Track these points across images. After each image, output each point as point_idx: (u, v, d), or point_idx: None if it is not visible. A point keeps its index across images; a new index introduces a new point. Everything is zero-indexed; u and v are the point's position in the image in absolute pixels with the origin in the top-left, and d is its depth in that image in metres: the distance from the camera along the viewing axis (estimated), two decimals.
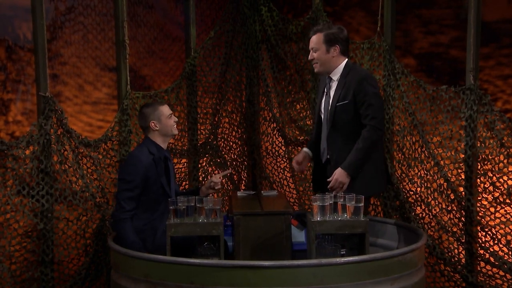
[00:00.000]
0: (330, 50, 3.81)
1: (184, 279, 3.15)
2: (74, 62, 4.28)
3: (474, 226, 3.98)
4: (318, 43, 3.83)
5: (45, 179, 3.89)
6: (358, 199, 3.33)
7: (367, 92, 3.71)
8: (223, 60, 4.87)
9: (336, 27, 3.89)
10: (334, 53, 3.82)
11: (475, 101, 3.91)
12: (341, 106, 3.77)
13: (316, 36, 3.84)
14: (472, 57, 3.94)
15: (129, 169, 3.72)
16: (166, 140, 3.91)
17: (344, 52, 3.85)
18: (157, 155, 3.79)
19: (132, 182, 3.67)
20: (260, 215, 3.58)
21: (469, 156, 3.95)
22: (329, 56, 3.83)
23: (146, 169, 3.71)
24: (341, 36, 3.83)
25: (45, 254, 3.91)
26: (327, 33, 3.82)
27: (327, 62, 3.84)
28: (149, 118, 3.83)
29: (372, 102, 3.70)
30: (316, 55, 3.84)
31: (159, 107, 3.86)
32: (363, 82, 3.73)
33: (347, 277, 3.14)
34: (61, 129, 3.96)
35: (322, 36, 3.82)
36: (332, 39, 3.81)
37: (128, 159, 3.82)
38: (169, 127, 3.86)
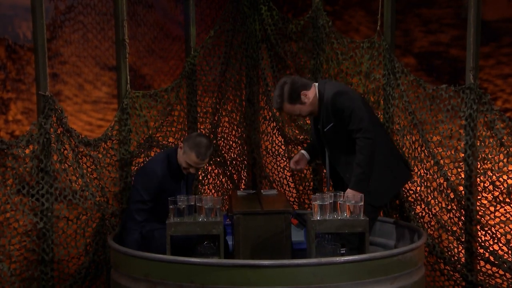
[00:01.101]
0: (303, 100, 3.83)
1: (184, 278, 3.16)
2: (74, 61, 4.27)
3: (474, 225, 3.98)
4: (292, 108, 3.85)
5: (45, 178, 3.88)
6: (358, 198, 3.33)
7: (343, 108, 3.74)
8: (223, 59, 4.86)
9: (280, 84, 3.87)
10: (308, 96, 3.84)
11: (475, 100, 3.91)
12: (328, 130, 3.83)
13: (285, 107, 3.86)
14: (472, 56, 3.93)
15: (144, 183, 3.78)
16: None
17: (308, 86, 3.85)
18: (175, 171, 3.85)
19: (146, 196, 3.75)
20: (260, 214, 3.59)
21: (468, 155, 3.95)
22: (308, 102, 3.84)
23: (161, 183, 3.78)
24: (294, 86, 3.83)
25: (45, 253, 3.91)
26: (287, 96, 3.82)
27: (312, 106, 3.86)
28: (186, 143, 3.83)
29: (350, 115, 3.72)
30: (303, 114, 3.89)
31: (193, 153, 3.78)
32: (336, 100, 3.76)
33: (347, 276, 3.14)
34: (61, 128, 3.96)
35: (287, 103, 3.84)
36: (296, 93, 3.82)
37: (146, 169, 3.87)
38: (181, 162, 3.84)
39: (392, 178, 3.91)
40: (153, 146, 4.42)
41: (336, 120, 3.78)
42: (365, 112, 3.77)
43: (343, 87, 3.90)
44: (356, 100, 3.79)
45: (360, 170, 3.66)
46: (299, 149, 4.88)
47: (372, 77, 4.42)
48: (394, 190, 4.08)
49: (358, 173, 3.66)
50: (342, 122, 3.75)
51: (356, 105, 3.75)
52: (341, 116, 3.75)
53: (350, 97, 3.78)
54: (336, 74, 4.60)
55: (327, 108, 3.79)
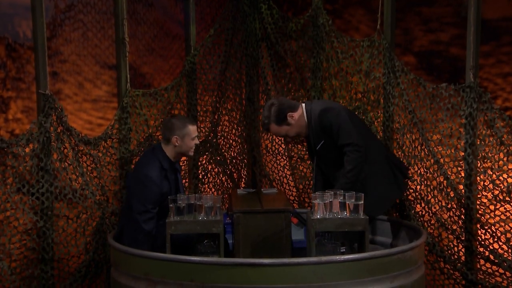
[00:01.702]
0: (290, 122, 3.92)
1: (184, 276, 3.16)
2: (74, 60, 4.27)
3: (474, 224, 3.98)
4: (279, 129, 3.95)
5: (45, 177, 3.88)
6: (358, 197, 3.33)
7: (330, 125, 3.82)
8: (223, 58, 4.86)
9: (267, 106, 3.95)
10: (294, 117, 3.92)
11: (475, 99, 3.91)
12: (320, 148, 3.91)
13: (272, 128, 3.96)
14: (472, 55, 3.93)
15: (145, 194, 3.72)
16: (178, 158, 3.95)
17: (295, 107, 3.93)
18: (169, 170, 3.85)
19: (150, 205, 3.71)
20: (260, 213, 3.59)
21: (468, 154, 3.95)
22: (295, 124, 3.93)
23: (159, 188, 3.76)
24: (281, 108, 3.91)
25: (45, 252, 3.91)
26: (274, 119, 3.91)
27: (299, 128, 3.95)
28: (174, 132, 3.84)
29: (338, 131, 3.80)
30: (290, 135, 3.99)
31: (188, 126, 3.87)
32: (322, 118, 3.85)
33: (347, 275, 3.14)
34: (61, 127, 3.95)
35: (275, 125, 3.93)
36: (282, 117, 3.91)
37: (140, 176, 3.79)
38: (188, 148, 3.89)
39: (389, 189, 3.92)
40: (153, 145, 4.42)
41: (326, 137, 3.87)
42: (353, 126, 3.85)
43: (329, 104, 4.00)
44: (343, 115, 3.86)
45: (345, 180, 3.75)
46: (299, 147, 4.89)
47: (372, 76, 4.41)
48: (391, 200, 4.09)
49: (342, 182, 3.75)
50: (331, 138, 3.84)
51: (343, 120, 3.83)
52: (329, 133, 3.84)
53: (336, 113, 3.86)
54: (336, 72, 4.60)
55: (316, 126, 3.88)
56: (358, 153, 3.76)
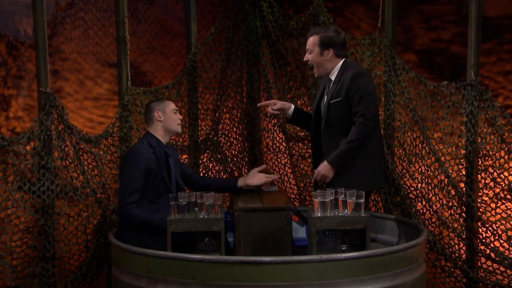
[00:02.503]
0: (323, 53, 3.87)
1: (185, 274, 3.15)
2: (75, 58, 4.27)
3: (475, 222, 3.98)
4: (313, 45, 3.89)
5: (46, 175, 3.88)
6: (359, 195, 3.33)
7: (358, 88, 3.73)
8: (224, 56, 4.86)
9: (333, 29, 3.93)
10: (328, 56, 3.87)
11: (476, 97, 3.91)
12: (334, 103, 3.80)
13: (312, 38, 3.90)
14: (473, 53, 3.94)
15: (131, 161, 3.74)
16: (167, 136, 3.94)
17: (339, 55, 3.88)
18: (157, 149, 3.82)
19: (135, 174, 3.69)
20: (261, 211, 3.57)
21: (470, 152, 3.95)
22: (323, 59, 3.88)
23: (147, 161, 3.74)
24: (337, 40, 3.87)
25: (46, 250, 3.91)
26: (322, 35, 3.87)
27: (321, 64, 3.90)
28: (154, 109, 3.91)
29: (361, 97, 3.71)
30: (310, 57, 3.91)
31: (166, 101, 3.99)
32: (355, 78, 3.75)
33: (348, 273, 3.13)
34: (62, 125, 3.96)
35: (317, 39, 3.87)
36: (327, 43, 3.85)
37: (129, 152, 3.85)
38: (173, 121, 3.91)
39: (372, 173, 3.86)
40: None
41: (345, 98, 3.76)
42: (376, 103, 3.80)
43: (365, 70, 3.93)
44: (373, 88, 3.81)
45: (345, 148, 3.70)
46: (299, 145, 4.88)
47: (373, 74, 4.41)
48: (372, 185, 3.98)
49: (342, 150, 3.71)
50: (349, 102, 3.75)
51: (371, 91, 3.76)
52: (352, 94, 3.73)
53: (369, 81, 3.79)
54: None
55: (344, 82, 3.78)
56: (367, 128, 3.69)
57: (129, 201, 3.68)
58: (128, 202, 3.67)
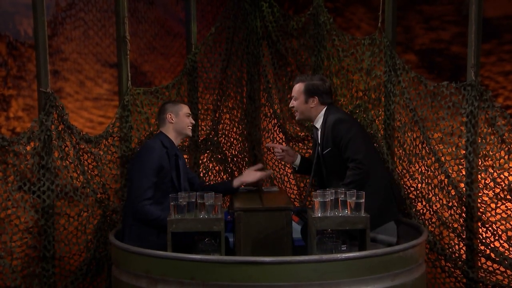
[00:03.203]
0: (308, 100, 3.98)
1: (185, 275, 3.15)
2: (75, 58, 4.27)
3: (475, 222, 3.97)
4: (298, 92, 4.01)
5: (46, 175, 3.88)
6: (359, 195, 3.33)
7: (341, 137, 3.83)
8: (224, 56, 4.86)
9: (318, 77, 4.06)
10: (312, 103, 3.98)
11: (476, 97, 3.90)
12: (327, 153, 3.92)
13: (298, 85, 4.03)
14: (473, 53, 3.92)
15: (144, 158, 3.79)
16: (178, 138, 4.03)
17: (324, 102, 3.99)
18: (170, 149, 3.89)
19: (149, 170, 3.74)
20: (261, 211, 3.57)
21: (470, 152, 3.95)
22: (307, 106, 4.00)
23: (160, 158, 3.80)
24: (322, 88, 3.98)
25: (46, 250, 3.91)
26: (308, 83, 3.99)
27: (305, 111, 4.02)
28: (168, 110, 3.99)
29: (347, 144, 3.80)
30: (295, 103, 4.04)
31: (180, 104, 4.06)
32: (335, 127, 3.85)
33: (348, 273, 3.14)
34: (62, 125, 3.96)
35: (303, 86, 3.99)
36: (312, 91, 3.97)
37: (141, 149, 3.91)
38: (184, 124, 4.01)
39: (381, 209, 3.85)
40: None
41: (333, 146, 3.87)
42: (363, 144, 3.85)
43: (345, 116, 3.99)
44: (356, 130, 3.88)
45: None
46: (300, 145, 4.88)
47: (373, 74, 4.41)
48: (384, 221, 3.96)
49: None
50: (338, 149, 3.85)
51: (354, 135, 3.83)
52: (338, 143, 3.85)
53: (349, 126, 3.87)
54: (337, 71, 4.60)
55: (328, 132, 3.89)
56: (359, 170, 3.76)
57: (145, 197, 3.72)
58: (143, 198, 3.71)
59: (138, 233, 3.75)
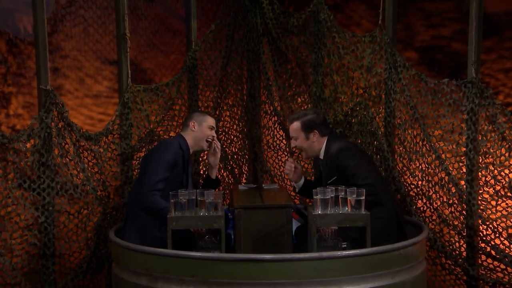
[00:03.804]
0: (309, 136, 3.96)
1: (185, 272, 3.16)
2: (75, 56, 4.27)
3: (475, 219, 3.97)
4: (297, 131, 3.99)
5: (46, 172, 3.88)
6: (359, 192, 3.33)
7: (346, 166, 3.77)
8: (224, 54, 4.84)
9: (312, 111, 4.03)
10: (314, 138, 3.96)
11: (477, 95, 3.90)
12: (331, 183, 3.80)
13: (294, 125, 4.00)
14: (474, 50, 3.92)
15: (162, 151, 3.84)
16: (194, 148, 4.05)
17: (324, 134, 3.96)
18: (185, 153, 3.93)
19: (164, 164, 3.77)
20: (261, 208, 3.58)
21: (470, 150, 3.95)
22: (310, 142, 3.98)
23: (176, 155, 3.84)
24: (318, 120, 3.96)
25: (46, 247, 3.92)
26: (303, 120, 3.96)
27: (309, 148, 3.99)
28: (193, 118, 4.05)
29: (354, 171, 3.73)
30: (297, 143, 4.01)
31: (207, 115, 4.11)
32: (339, 156, 3.81)
33: (348, 270, 3.15)
34: (62, 123, 3.96)
35: (299, 124, 3.97)
36: (310, 126, 3.95)
37: (158, 145, 3.98)
38: (204, 136, 4.05)
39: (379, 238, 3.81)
40: (154, 141, 4.43)
41: (339, 175, 3.81)
42: (369, 169, 3.81)
43: (346, 143, 3.97)
44: (360, 157, 3.84)
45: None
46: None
47: (373, 71, 4.40)
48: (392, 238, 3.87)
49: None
50: (345, 178, 3.77)
51: (359, 162, 3.78)
52: (343, 172, 3.78)
53: (353, 153, 3.83)
54: (338, 68, 4.59)
55: (332, 162, 3.84)
56: (371, 192, 3.65)
57: (157, 187, 3.73)
58: (154, 188, 3.73)
59: (139, 225, 3.74)
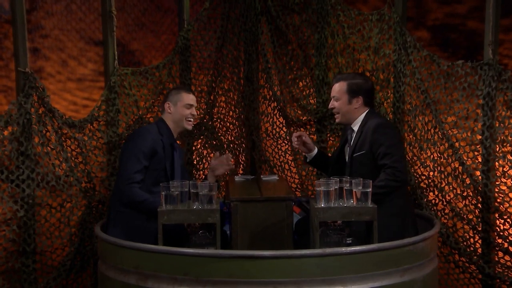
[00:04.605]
0: (352, 101, 3.90)
1: (177, 270, 3.15)
2: (57, 35, 4.26)
3: (492, 213, 3.98)
4: (340, 92, 3.92)
5: (26, 162, 3.87)
6: (365, 183, 3.31)
7: (382, 142, 3.71)
8: (219, 34, 4.84)
9: (361, 76, 4.02)
10: (357, 104, 3.90)
11: (494, 77, 3.90)
12: (357, 157, 3.81)
13: (338, 85, 3.94)
14: (491, 29, 3.91)
15: (136, 139, 3.79)
16: (177, 130, 3.99)
17: (367, 103, 3.92)
18: (165, 138, 3.87)
19: (140, 153, 3.72)
20: (260, 201, 3.58)
21: (486, 137, 3.95)
22: (351, 107, 3.91)
23: (154, 142, 3.79)
24: (365, 86, 3.93)
25: (26, 244, 3.91)
26: (350, 82, 3.91)
27: (348, 113, 3.93)
28: (168, 99, 3.98)
29: (387, 151, 3.68)
30: (337, 104, 3.94)
31: (182, 93, 4.00)
32: (377, 131, 3.75)
33: (353, 268, 3.14)
34: (42, 108, 3.94)
35: (345, 85, 3.91)
36: (356, 90, 3.89)
37: (135, 131, 3.91)
38: (182, 117, 3.96)
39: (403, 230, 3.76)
40: None
41: (369, 150, 3.76)
42: (403, 155, 3.78)
43: (389, 123, 3.95)
44: (398, 141, 3.82)
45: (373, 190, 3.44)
46: (301, 131, 4.86)
47: (381, 53, 4.40)
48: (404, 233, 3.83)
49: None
50: (374, 155, 3.73)
51: (396, 143, 3.75)
52: (376, 149, 3.73)
53: (393, 134, 3.79)
54: (342, 49, 4.60)
55: (366, 136, 3.79)
56: (396, 177, 3.62)
57: (133, 180, 3.70)
58: (131, 181, 3.70)
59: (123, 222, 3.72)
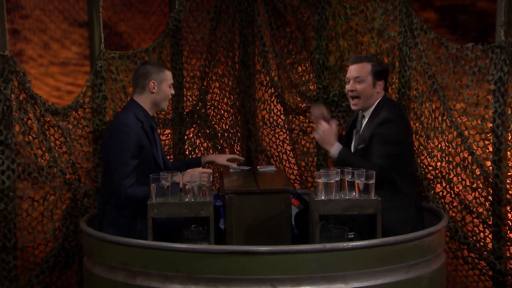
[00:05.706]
0: (376, 84, 3.86)
1: (168, 267, 3.17)
2: (38, 16, 4.24)
3: (503, 206, 4.00)
4: (366, 73, 3.85)
5: (6, 152, 3.88)
6: (368, 175, 3.33)
7: (381, 136, 3.70)
8: (213, 15, 4.83)
9: (380, 59, 4.05)
10: (379, 88, 3.88)
11: (506, 61, 3.91)
12: (360, 150, 3.81)
13: (362, 65, 3.87)
14: (504, 9, 3.92)
15: (120, 140, 3.71)
16: (153, 110, 3.96)
17: (386, 89, 3.94)
18: (145, 123, 3.83)
19: (127, 154, 3.69)
20: (256, 193, 3.59)
21: (497, 126, 3.96)
22: (374, 91, 3.87)
23: (138, 137, 3.74)
24: (387, 70, 3.96)
25: (6, 239, 3.92)
26: (375, 64, 3.88)
27: (371, 97, 3.88)
28: (151, 77, 3.88)
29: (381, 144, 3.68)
30: (360, 87, 3.86)
31: (165, 71, 3.96)
32: (382, 125, 3.73)
33: (355, 264, 3.16)
34: (23, 94, 3.94)
35: (369, 66, 3.86)
36: (380, 72, 3.87)
37: (114, 127, 3.80)
38: (166, 96, 3.94)
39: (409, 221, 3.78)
40: None
41: (369, 144, 3.75)
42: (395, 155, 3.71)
43: (397, 116, 3.83)
44: (403, 136, 3.78)
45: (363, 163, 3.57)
46: (301, 119, 4.88)
47: (386, 35, 4.41)
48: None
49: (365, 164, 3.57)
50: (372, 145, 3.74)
51: (397, 141, 3.72)
52: (376, 139, 3.72)
53: (396, 131, 3.73)
54: (344, 31, 4.60)
55: (374, 124, 3.77)
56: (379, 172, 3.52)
57: (128, 184, 3.68)
58: (127, 184, 3.67)
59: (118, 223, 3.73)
